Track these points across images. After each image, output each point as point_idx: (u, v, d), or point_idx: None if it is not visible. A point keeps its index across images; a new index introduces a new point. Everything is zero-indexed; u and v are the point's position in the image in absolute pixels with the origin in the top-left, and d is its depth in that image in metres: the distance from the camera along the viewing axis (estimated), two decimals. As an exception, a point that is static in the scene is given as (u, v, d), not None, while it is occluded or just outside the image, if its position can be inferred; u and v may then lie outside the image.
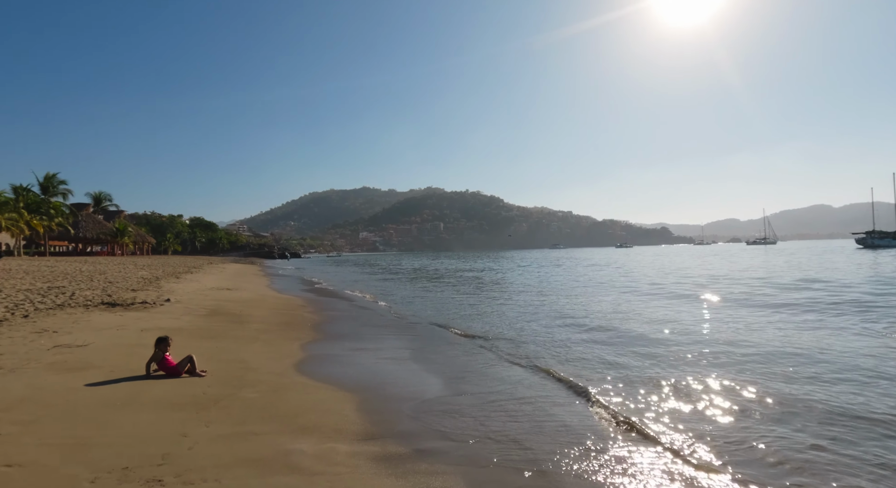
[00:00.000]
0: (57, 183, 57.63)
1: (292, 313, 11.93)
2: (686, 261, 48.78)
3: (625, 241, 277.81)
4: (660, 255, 71.98)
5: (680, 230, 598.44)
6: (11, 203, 48.63)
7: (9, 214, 46.49)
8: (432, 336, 9.83)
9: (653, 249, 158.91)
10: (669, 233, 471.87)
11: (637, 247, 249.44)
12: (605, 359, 7.35)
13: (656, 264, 43.83)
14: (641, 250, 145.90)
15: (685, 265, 39.67)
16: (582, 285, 22.86)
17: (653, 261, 51.45)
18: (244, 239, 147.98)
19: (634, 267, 39.96)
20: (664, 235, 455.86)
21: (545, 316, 12.54)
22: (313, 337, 8.77)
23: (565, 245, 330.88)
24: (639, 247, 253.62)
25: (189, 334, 7.88)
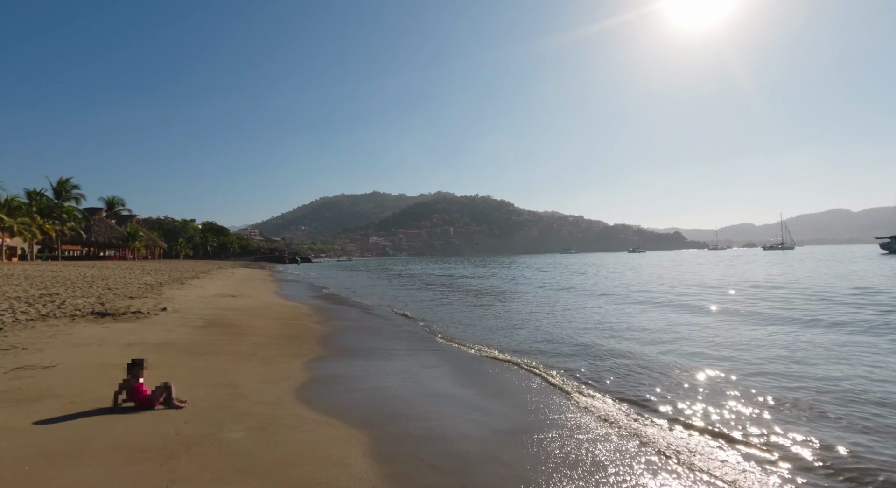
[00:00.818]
0: (70, 187, 57.96)
1: (297, 323, 11.02)
2: (714, 267, 46.53)
3: (637, 246, 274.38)
4: (681, 261, 69.65)
5: (693, 235, 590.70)
6: (24, 207, 48.83)
7: (21, 219, 46.60)
8: (452, 351, 8.86)
9: (667, 254, 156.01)
10: (682, 238, 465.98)
11: (649, 251, 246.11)
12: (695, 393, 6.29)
13: (687, 271, 39.43)
14: (654, 255, 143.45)
15: (717, 272, 36.49)
16: (623, 295, 21.67)
17: (679, 268, 49.51)
18: (255, 243, 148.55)
19: (665, 273, 36.38)
20: (677, 240, 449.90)
21: (593, 326, 11.49)
22: (318, 352, 7.83)
23: (577, 250, 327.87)
24: (651, 251, 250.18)
25: (178, 350, 7.00)
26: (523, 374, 7.13)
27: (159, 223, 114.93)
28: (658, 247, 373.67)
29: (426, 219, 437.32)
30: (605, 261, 75.90)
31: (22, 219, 46.61)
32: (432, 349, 8.96)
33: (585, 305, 16.62)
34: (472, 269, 54.49)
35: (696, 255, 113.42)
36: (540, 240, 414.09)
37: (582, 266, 58.68)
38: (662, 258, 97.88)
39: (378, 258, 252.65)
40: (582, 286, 25.58)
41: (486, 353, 8.68)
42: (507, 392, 6.18)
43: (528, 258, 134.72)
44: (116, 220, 69.45)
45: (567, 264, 66.70)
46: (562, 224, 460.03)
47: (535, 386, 6.40)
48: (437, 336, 10.53)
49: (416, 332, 10.96)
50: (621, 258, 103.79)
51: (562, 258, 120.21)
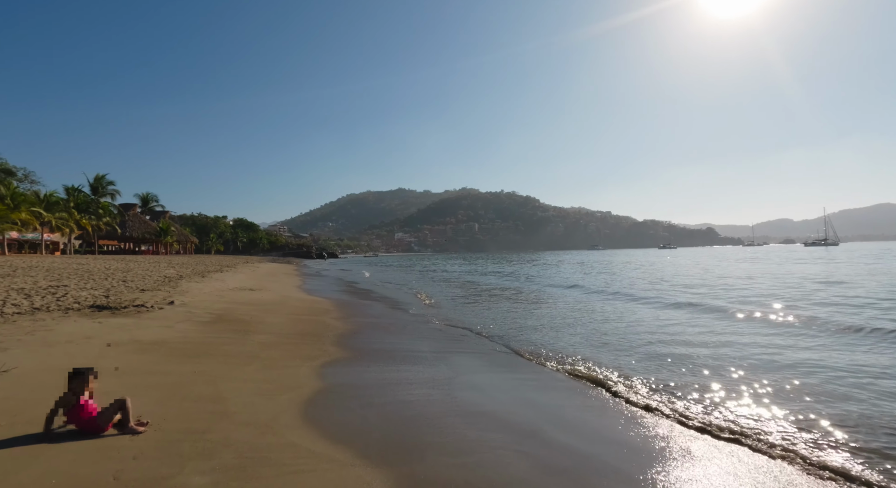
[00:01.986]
0: (106, 184, 59.31)
1: (314, 320, 9.95)
2: (761, 264, 43.74)
3: (668, 242, 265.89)
4: (721, 258, 65.76)
5: (727, 231, 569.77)
6: (62, 203, 50.07)
7: (59, 214, 47.79)
8: (488, 354, 7.57)
9: (700, 251, 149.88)
10: (715, 234, 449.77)
11: (681, 248, 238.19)
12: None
13: (733, 270, 34.14)
14: (687, 251, 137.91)
15: (770, 270, 33.54)
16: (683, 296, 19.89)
17: (722, 265, 46.73)
18: (283, 239, 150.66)
19: (719, 274, 29.29)
20: (710, 236, 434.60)
21: (658, 331, 10.03)
22: (332, 354, 6.68)
23: (604, 246, 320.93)
24: (683, 248, 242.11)
25: (169, 350, 5.95)
26: (577, 385, 5.79)
27: (192, 219, 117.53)
28: (690, 244, 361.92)
29: (451, 216, 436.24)
30: (640, 259, 72.97)
31: (60, 213, 47.80)
32: (465, 351, 7.69)
33: (637, 312, 15.02)
34: (497, 267, 53.05)
35: (731, 252, 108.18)
36: (566, 236, 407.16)
37: (617, 264, 56.30)
38: (699, 254, 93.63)
39: (403, 254, 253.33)
40: (628, 284, 23.81)
41: (531, 358, 7.36)
42: (565, 408, 4.86)
43: (554, 255, 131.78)
44: (150, 216, 70.94)
45: (598, 262, 64.38)
46: (589, 220, 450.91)
47: (599, 402, 5.05)
48: (469, 335, 9.25)
49: (445, 331, 9.71)
50: (654, 255, 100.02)
51: (589, 255, 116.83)
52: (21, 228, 43.41)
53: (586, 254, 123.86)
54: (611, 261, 58.19)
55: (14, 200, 40.80)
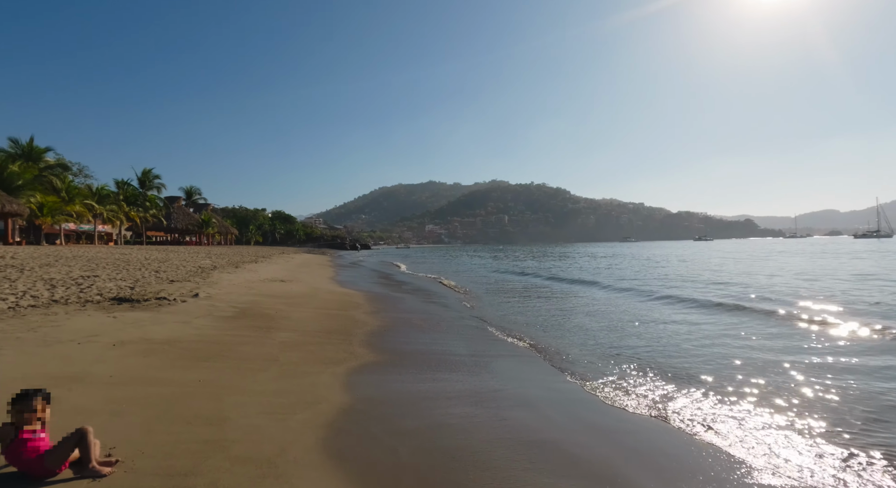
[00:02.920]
0: (152, 178, 61.12)
1: (343, 315, 9.14)
2: (816, 259, 40.18)
3: (704, 234, 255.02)
4: (767, 251, 61.88)
5: (767, 222, 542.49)
6: (112, 196, 51.82)
7: (110, 206, 49.49)
8: (532, 356, 6.52)
9: (739, 243, 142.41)
10: (754, 226, 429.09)
11: (717, 240, 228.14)
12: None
13: (796, 265, 27.21)
14: (725, 244, 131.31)
15: (830, 265, 28.17)
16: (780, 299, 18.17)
17: (772, 258, 43.81)
18: (319, 231, 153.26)
19: (775, 271, 23.10)
20: (748, 228, 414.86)
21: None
22: (361, 357, 5.80)
23: (637, 238, 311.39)
24: (719, 240, 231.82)
25: (178, 352, 5.20)
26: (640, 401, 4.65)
27: (233, 212, 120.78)
28: (727, 236, 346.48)
29: (480, 208, 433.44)
30: (680, 252, 69.74)
31: (110, 206, 49.50)
32: (508, 354, 6.67)
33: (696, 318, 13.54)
34: (531, 263, 51.53)
35: (774, 244, 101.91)
36: (597, 228, 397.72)
37: (660, 257, 53.76)
38: (743, 247, 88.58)
39: (434, 246, 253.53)
40: (681, 282, 22.08)
41: (587, 365, 6.25)
42: (640, 435, 3.77)
43: (586, 247, 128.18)
44: (193, 208, 72.93)
45: (635, 254, 61.75)
46: (621, 211, 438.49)
47: (685, 434, 3.92)
48: (515, 338, 8.21)
49: (482, 330, 8.70)
50: (691, 247, 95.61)
51: (621, 247, 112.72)
52: (76, 220, 45.10)
53: (618, 247, 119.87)
54: (656, 255, 55.60)
55: (69, 194, 42.35)
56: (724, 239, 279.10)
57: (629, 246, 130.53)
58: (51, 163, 44.29)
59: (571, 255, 55.83)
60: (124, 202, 53.28)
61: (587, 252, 70.80)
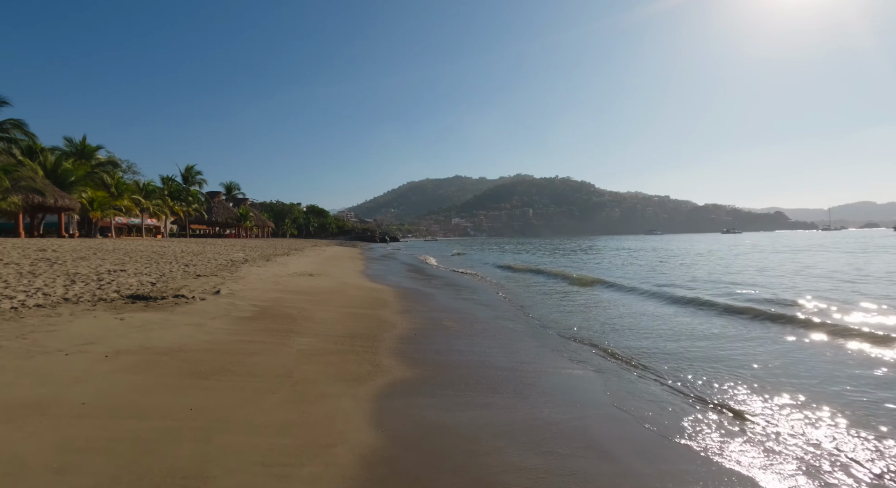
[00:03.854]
0: (195, 173, 62.40)
1: (371, 315, 8.18)
2: (862, 256, 36.84)
3: (732, 227, 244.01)
4: (814, 245, 57.50)
5: (797, 214, 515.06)
6: (158, 191, 53.02)
7: (155, 201, 50.64)
8: (583, 360, 5.34)
9: (770, 236, 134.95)
10: (785, 219, 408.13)
11: (746, 233, 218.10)
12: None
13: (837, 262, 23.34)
14: (755, 237, 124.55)
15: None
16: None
17: (813, 254, 40.65)
18: (350, 224, 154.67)
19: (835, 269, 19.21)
20: (778, 220, 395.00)
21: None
22: (388, 371, 4.79)
23: (662, 230, 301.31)
24: (748, 233, 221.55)
25: (178, 365, 4.31)
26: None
27: (270, 206, 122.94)
28: (755, 228, 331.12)
29: (505, 202, 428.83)
30: (709, 246, 66.31)
31: (156, 200, 50.64)
32: (562, 366, 5.50)
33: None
34: (559, 259, 49.71)
35: (807, 237, 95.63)
36: (622, 221, 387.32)
37: (691, 253, 51.02)
38: (777, 240, 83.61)
39: (460, 238, 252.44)
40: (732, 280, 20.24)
41: (684, 389, 5.03)
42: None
43: (612, 240, 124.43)
44: (233, 203, 74.22)
45: (666, 249, 58.93)
46: (646, 204, 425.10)
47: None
48: (552, 335, 7.04)
49: (524, 332, 7.57)
50: (721, 241, 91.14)
51: (646, 240, 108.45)
52: (124, 214, 46.23)
53: (644, 239, 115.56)
54: (684, 249, 52.83)
55: (118, 189, 43.36)
56: (753, 231, 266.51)
57: (656, 239, 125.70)
58: (102, 161, 45.44)
59: (599, 249, 53.67)
60: (169, 197, 54.49)
61: (615, 245, 68.16)
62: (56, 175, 34.45)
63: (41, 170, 33.52)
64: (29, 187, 27.53)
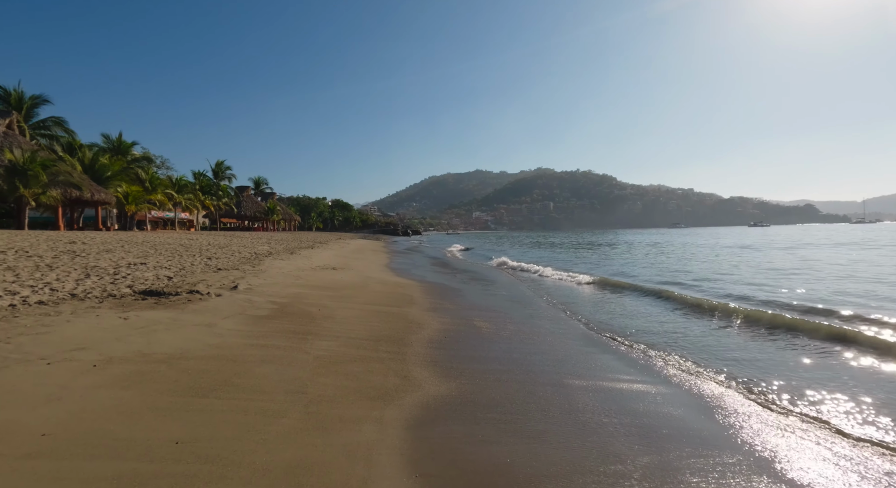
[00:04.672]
0: (224, 168, 63.17)
1: (397, 313, 7.41)
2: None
3: (760, 220, 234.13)
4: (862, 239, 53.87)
5: (829, 207, 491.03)
6: (190, 186, 53.81)
7: (187, 195, 51.38)
8: (686, 384, 4.39)
9: (798, 229, 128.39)
10: (815, 211, 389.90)
11: (774, 226, 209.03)
12: None
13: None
14: (781, 230, 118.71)
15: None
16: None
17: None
18: (373, 218, 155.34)
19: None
20: (808, 213, 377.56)
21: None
22: (421, 386, 3.98)
23: (686, 224, 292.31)
24: (777, 226, 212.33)
25: (178, 375, 3.61)
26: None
27: (297, 200, 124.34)
28: (784, 222, 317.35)
29: (526, 195, 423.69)
30: (741, 240, 63.37)
31: (188, 195, 51.39)
32: (615, 380, 4.56)
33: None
34: (589, 253, 48.13)
35: (843, 231, 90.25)
36: (644, 214, 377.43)
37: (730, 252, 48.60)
38: (809, 234, 79.11)
39: (481, 232, 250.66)
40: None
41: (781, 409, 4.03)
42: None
43: (634, 234, 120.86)
44: (261, 197, 74.99)
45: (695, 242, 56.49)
46: (669, 197, 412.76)
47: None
48: (599, 339, 6.10)
49: (567, 337, 6.65)
50: (751, 234, 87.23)
51: (668, 234, 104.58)
52: (158, 208, 47.03)
53: (670, 232, 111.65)
54: (713, 243, 50.48)
55: (152, 183, 44.07)
56: (781, 224, 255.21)
57: (680, 232, 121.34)
58: (137, 156, 46.25)
59: (631, 244, 51.81)
60: (200, 191, 55.26)
61: (644, 240, 65.81)
62: (93, 170, 35.04)
63: (79, 166, 34.15)
64: (67, 182, 27.95)
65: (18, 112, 34.31)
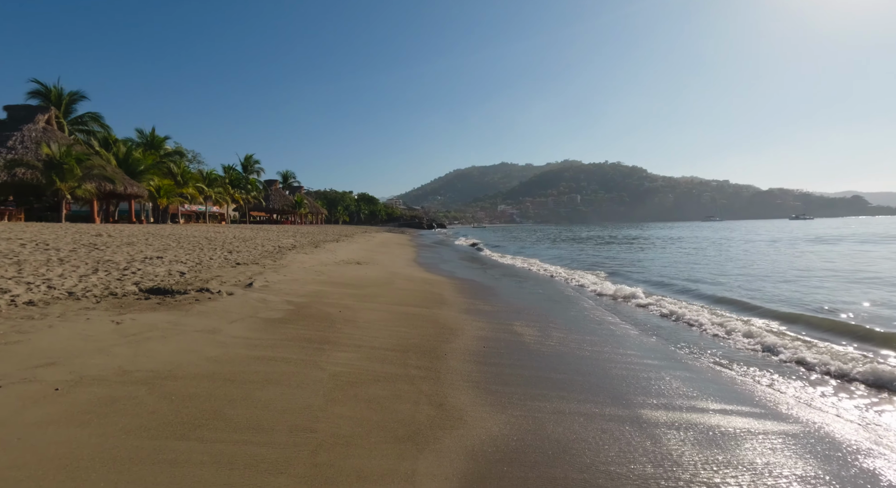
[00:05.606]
0: (253, 162, 64.04)
1: (427, 315, 6.55)
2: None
3: (802, 213, 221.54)
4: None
5: (880, 199, 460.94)
6: (220, 179, 54.71)
7: (217, 189, 52.24)
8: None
9: (845, 222, 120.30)
10: (864, 203, 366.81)
11: (818, 219, 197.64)
12: None
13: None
14: (827, 223, 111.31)
15: None
16: None
17: None
18: (399, 211, 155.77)
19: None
20: (856, 205, 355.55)
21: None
22: (464, 422, 3.09)
23: (721, 217, 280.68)
24: (820, 219, 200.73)
25: (157, 402, 2.84)
26: None
27: (324, 194, 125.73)
28: (829, 214, 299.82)
29: (553, 188, 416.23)
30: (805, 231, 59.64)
31: (218, 189, 52.23)
32: (762, 410, 3.52)
33: None
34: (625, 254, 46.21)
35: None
36: (676, 207, 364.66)
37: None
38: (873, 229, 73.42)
39: (506, 225, 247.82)
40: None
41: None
42: None
43: (665, 229, 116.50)
44: (289, 191, 75.88)
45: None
46: (703, 189, 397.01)
47: None
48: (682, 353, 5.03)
49: (629, 351, 5.62)
50: (803, 227, 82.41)
51: (708, 226, 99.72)
52: (189, 201, 47.95)
53: (705, 226, 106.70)
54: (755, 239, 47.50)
55: (183, 177, 44.88)
56: (826, 217, 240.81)
57: (716, 226, 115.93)
58: (169, 151, 47.18)
59: (675, 239, 49.46)
60: (229, 185, 56.15)
61: (687, 235, 62.78)
62: (127, 164, 35.77)
63: (114, 160, 34.91)
64: (101, 175, 28.48)
65: (57, 108, 35.31)
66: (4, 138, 27.48)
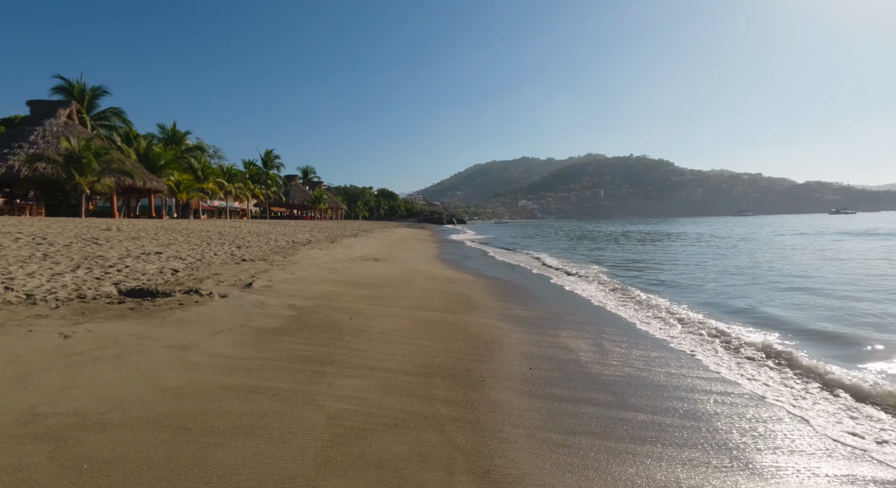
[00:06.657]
0: (273, 158, 64.20)
1: (454, 324, 5.47)
2: None
3: (843, 207, 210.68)
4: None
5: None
6: (240, 174, 54.91)
7: (237, 184, 52.41)
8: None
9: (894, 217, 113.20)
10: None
11: (860, 213, 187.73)
12: None
13: None
14: (873, 217, 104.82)
15: None
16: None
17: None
18: (419, 207, 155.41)
19: None
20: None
21: None
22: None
23: (754, 211, 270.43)
24: (863, 213, 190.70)
25: (52, 479, 1.85)
26: None
27: (344, 190, 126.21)
28: (871, 208, 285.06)
29: (575, 182, 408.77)
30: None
31: (238, 184, 52.41)
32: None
33: None
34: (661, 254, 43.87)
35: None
36: (705, 201, 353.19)
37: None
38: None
39: (527, 220, 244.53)
40: None
41: None
42: None
43: (696, 221, 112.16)
44: (309, 186, 75.92)
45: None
46: (733, 183, 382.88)
47: None
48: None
49: (711, 380, 4.40)
50: (842, 222, 77.83)
51: (741, 221, 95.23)
52: (209, 196, 48.19)
53: (741, 221, 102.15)
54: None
55: (204, 173, 45.04)
56: (868, 212, 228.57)
57: (753, 220, 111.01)
58: (190, 146, 47.41)
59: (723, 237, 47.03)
60: (250, 180, 56.32)
61: (724, 232, 59.75)
62: (147, 159, 35.89)
63: (134, 155, 35.04)
64: (119, 170, 28.44)
65: (80, 103, 35.66)
66: (26, 133, 27.69)
